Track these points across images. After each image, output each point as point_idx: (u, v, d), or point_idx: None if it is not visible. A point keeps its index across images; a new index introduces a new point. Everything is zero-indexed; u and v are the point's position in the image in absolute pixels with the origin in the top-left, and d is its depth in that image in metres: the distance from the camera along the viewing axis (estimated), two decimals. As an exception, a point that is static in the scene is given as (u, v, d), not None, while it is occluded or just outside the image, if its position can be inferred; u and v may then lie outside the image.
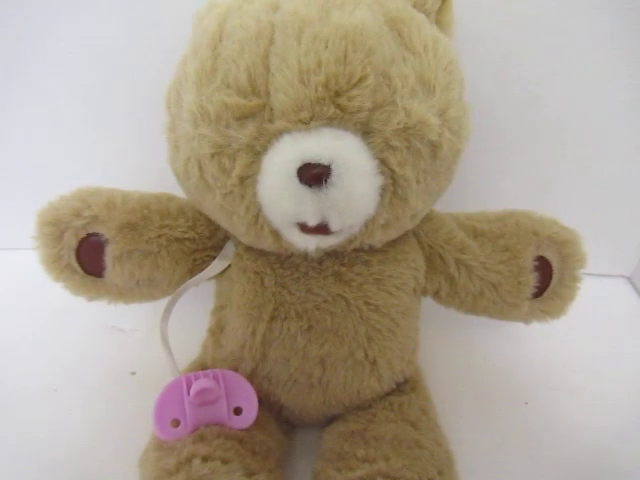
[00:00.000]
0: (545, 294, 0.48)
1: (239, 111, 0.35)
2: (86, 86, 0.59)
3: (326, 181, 0.33)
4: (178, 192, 0.45)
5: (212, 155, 0.36)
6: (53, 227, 0.43)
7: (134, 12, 0.55)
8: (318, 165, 0.33)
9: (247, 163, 0.35)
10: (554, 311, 0.49)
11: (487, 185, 0.63)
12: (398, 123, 0.35)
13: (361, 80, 0.33)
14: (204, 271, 0.45)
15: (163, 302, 0.46)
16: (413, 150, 0.36)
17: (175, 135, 0.40)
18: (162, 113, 0.42)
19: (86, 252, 0.44)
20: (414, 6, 0.39)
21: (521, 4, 0.53)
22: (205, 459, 0.36)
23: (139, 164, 0.61)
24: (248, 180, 0.36)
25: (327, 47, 0.33)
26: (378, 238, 0.40)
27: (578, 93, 0.57)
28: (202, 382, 0.39)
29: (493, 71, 0.56)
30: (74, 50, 0.58)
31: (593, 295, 0.54)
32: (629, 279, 0.71)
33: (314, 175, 0.33)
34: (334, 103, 0.33)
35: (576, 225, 0.48)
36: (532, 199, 0.63)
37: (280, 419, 0.46)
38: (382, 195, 0.36)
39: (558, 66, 0.56)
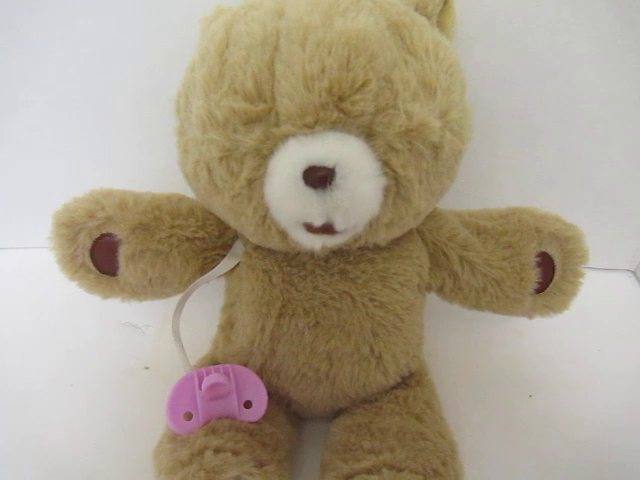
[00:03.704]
0: (548, 289, 0.48)
1: (246, 116, 0.35)
2: (97, 89, 0.60)
3: (330, 183, 0.33)
4: (187, 191, 0.45)
5: (220, 159, 0.37)
6: (68, 228, 0.44)
7: (141, 15, 0.55)
8: (323, 168, 0.33)
9: (254, 166, 0.36)
10: (557, 306, 0.49)
11: (490, 182, 0.63)
12: (400, 126, 0.35)
13: (363, 85, 0.34)
14: (214, 269, 0.46)
15: (175, 299, 0.47)
16: (415, 152, 0.36)
17: (185, 139, 0.41)
18: (171, 115, 0.43)
19: (100, 252, 0.45)
20: (416, 9, 0.40)
21: (523, 4, 0.53)
22: (217, 451, 0.37)
23: (149, 165, 0.62)
24: (255, 182, 0.37)
25: (330, 53, 0.33)
26: (382, 237, 0.41)
27: (580, 91, 0.57)
28: (213, 377, 0.40)
29: (496, 70, 0.56)
30: (83, 53, 0.58)
31: (598, 289, 0.55)
32: (634, 273, 0.71)
33: (319, 177, 0.33)
34: (337, 108, 0.34)
35: (581, 219, 0.48)
36: (536, 193, 0.63)
37: (289, 412, 0.47)
38: (385, 196, 0.37)
39: (560, 65, 0.56)
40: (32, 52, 0.59)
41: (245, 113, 0.35)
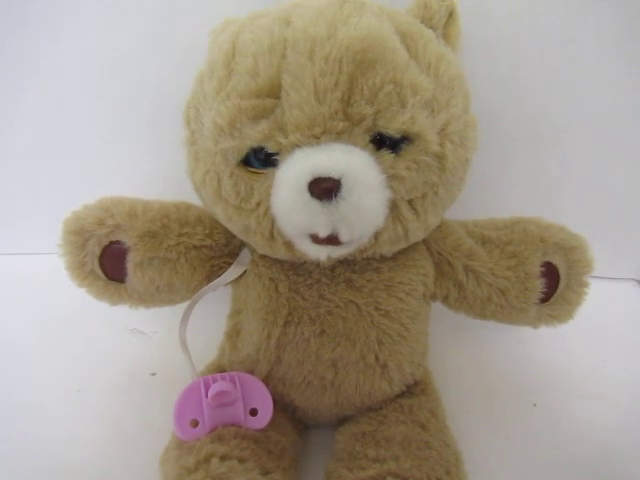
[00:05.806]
0: (552, 299, 0.48)
1: (253, 111, 0.36)
2: (107, 98, 0.61)
3: (336, 195, 0.33)
4: (195, 200, 0.46)
5: (231, 174, 0.38)
6: (77, 235, 0.44)
7: (151, 26, 0.56)
8: (328, 179, 0.33)
9: (266, 196, 0.37)
10: (561, 316, 0.49)
11: (495, 192, 0.63)
12: (403, 123, 0.35)
13: (369, 89, 0.34)
14: (221, 277, 0.46)
15: (182, 306, 0.47)
16: (422, 165, 0.37)
17: (195, 148, 0.41)
18: (180, 124, 0.43)
19: (109, 259, 0.45)
20: (422, 21, 0.40)
21: (527, 13, 0.53)
22: (223, 458, 0.37)
23: (158, 173, 0.62)
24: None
25: (340, 66, 0.34)
26: (388, 248, 0.41)
27: (585, 100, 0.57)
28: (219, 385, 0.40)
29: (500, 78, 0.56)
30: (93, 62, 0.59)
31: (602, 298, 0.54)
32: (639, 282, 0.71)
33: (324, 189, 0.33)
34: (345, 113, 0.34)
35: (585, 228, 0.48)
36: (541, 203, 0.63)
37: (294, 420, 0.47)
38: (392, 209, 0.37)
39: (564, 73, 0.56)
40: (42, 60, 0.59)
41: (252, 108, 0.36)
